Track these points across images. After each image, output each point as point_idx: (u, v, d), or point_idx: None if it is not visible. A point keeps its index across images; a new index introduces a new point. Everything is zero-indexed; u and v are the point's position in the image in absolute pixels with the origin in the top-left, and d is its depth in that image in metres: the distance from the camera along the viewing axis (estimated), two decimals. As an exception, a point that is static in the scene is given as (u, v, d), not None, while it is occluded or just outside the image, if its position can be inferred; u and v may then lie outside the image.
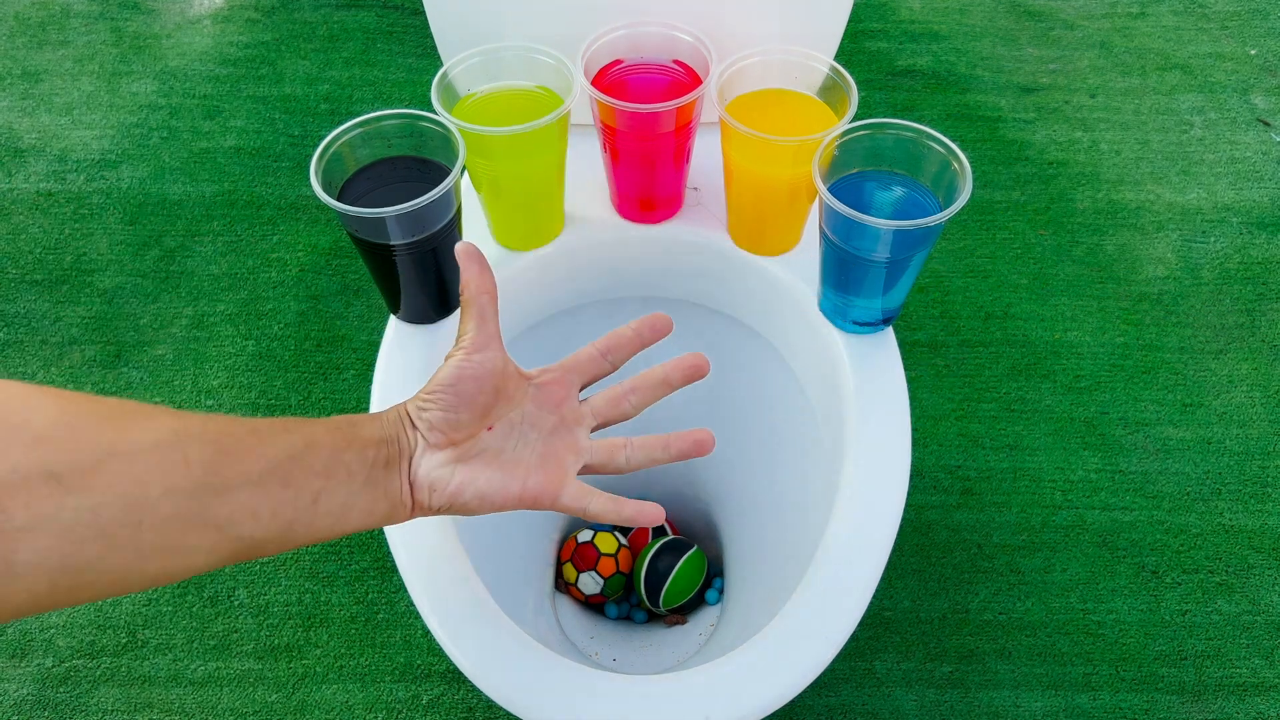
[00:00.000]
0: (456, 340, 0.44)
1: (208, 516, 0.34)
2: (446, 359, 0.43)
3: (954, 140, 0.56)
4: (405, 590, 0.88)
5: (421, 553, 0.55)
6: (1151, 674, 0.94)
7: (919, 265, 0.59)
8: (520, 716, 0.49)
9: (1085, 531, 1.04)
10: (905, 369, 0.63)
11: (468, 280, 0.44)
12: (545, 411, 0.46)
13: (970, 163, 0.56)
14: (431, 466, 0.42)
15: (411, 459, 0.42)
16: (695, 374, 0.48)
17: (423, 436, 0.42)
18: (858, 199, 0.58)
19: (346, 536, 1.02)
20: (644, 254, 0.73)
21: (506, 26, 0.70)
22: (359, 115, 0.57)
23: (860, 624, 0.54)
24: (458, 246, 0.45)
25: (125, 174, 1.36)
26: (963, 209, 0.55)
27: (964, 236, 1.31)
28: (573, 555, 0.89)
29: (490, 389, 0.43)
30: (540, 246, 0.70)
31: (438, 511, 0.42)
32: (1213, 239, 1.30)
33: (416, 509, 0.42)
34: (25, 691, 0.93)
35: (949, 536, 1.04)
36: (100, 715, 0.92)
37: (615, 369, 0.49)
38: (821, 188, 0.55)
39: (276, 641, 0.96)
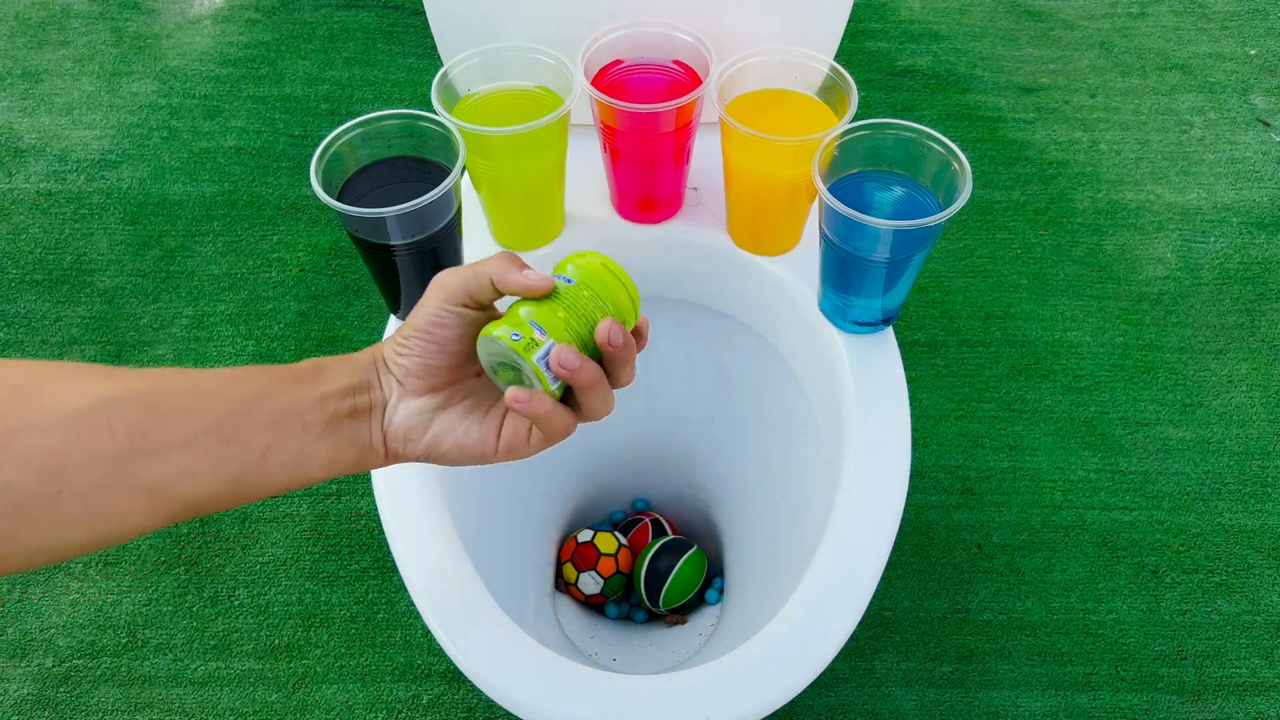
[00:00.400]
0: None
1: (136, 482, 0.33)
2: (423, 300, 0.41)
3: (954, 140, 0.56)
4: (405, 590, 0.88)
5: (421, 553, 0.55)
6: (1151, 674, 0.94)
7: (919, 265, 0.59)
8: (520, 716, 0.49)
9: (1085, 531, 1.04)
10: (905, 369, 0.63)
11: (526, 276, 0.40)
12: None
13: (970, 163, 0.56)
14: (408, 414, 0.40)
15: (386, 407, 0.40)
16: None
17: (398, 382, 0.40)
18: (858, 199, 0.58)
19: (344, 533, 1.03)
20: (644, 254, 0.73)
21: (506, 26, 0.70)
22: (359, 115, 0.57)
23: (860, 624, 0.54)
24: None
25: (125, 174, 1.36)
26: (963, 209, 0.55)
27: (964, 236, 1.31)
28: (573, 555, 0.89)
29: (470, 338, 0.41)
30: (540, 246, 0.70)
31: (415, 459, 0.41)
32: (1213, 239, 1.30)
33: (390, 457, 0.41)
34: (25, 691, 0.93)
35: (949, 536, 1.04)
36: (100, 715, 0.92)
37: None
38: (821, 188, 0.55)
39: (276, 641, 0.96)
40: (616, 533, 0.92)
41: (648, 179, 0.68)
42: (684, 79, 0.66)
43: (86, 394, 0.33)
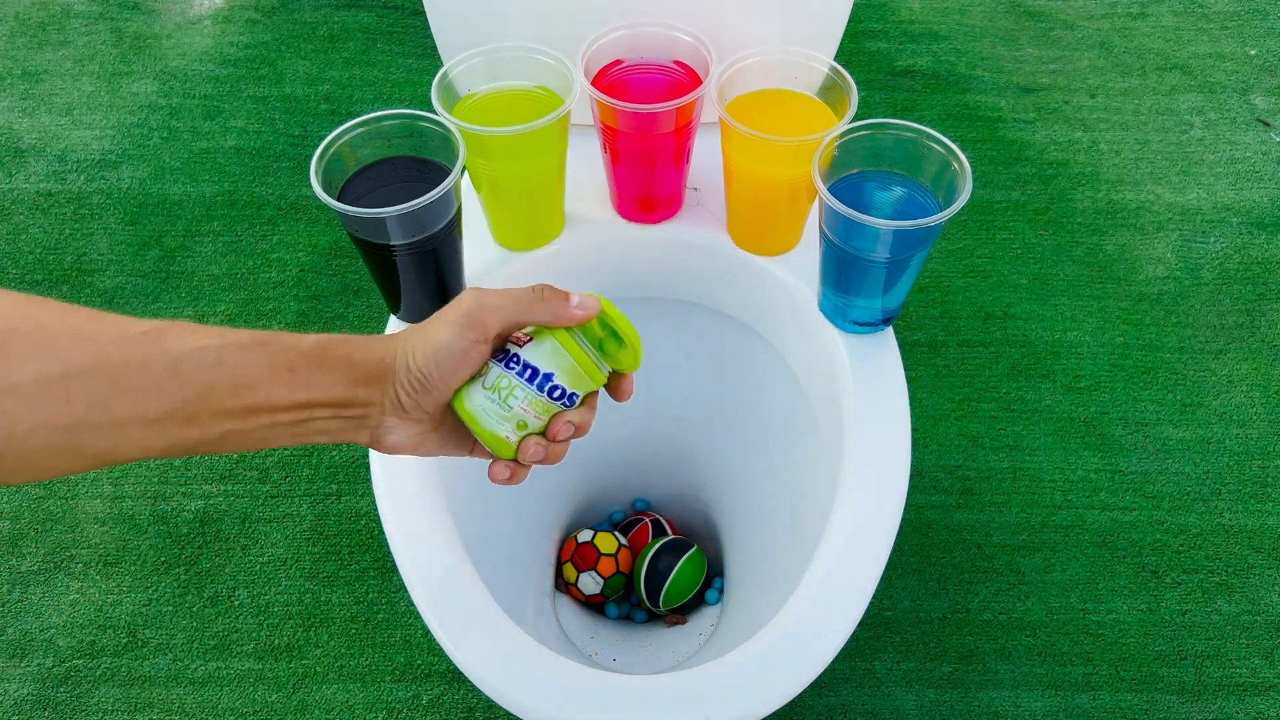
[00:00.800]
0: (481, 301, 0.40)
1: (83, 449, 0.33)
2: (446, 327, 0.40)
3: (954, 140, 0.56)
4: (405, 590, 0.88)
5: (421, 553, 0.55)
6: (1151, 674, 0.94)
7: (919, 265, 0.59)
8: (520, 716, 0.49)
9: (1085, 531, 1.04)
10: (905, 369, 0.63)
11: (579, 305, 0.41)
12: None
13: (970, 163, 0.56)
14: (402, 437, 0.41)
15: (382, 426, 0.40)
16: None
17: (405, 410, 0.40)
18: (858, 199, 0.58)
19: (344, 533, 1.03)
20: (644, 254, 0.73)
21: (507, 26, 0.70)
22: (359, 115, 0.57)
23: (860, 624, 0.54)
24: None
25: (125, 174, 1.36)
26: (963, 209, 0.55)
27: (964, 236, 1.31)
28: (573, 555, 0.89)
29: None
30: (540, 247, 0.70)
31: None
32: (1213, 239, 1.30)
33: (371, 445, 0.42)
34: (25, 691, 0.93)
35: (949, 536, 1.04)
36: (100, 715, 0.92)
37: None
38: (821, 188, 0.55)
39: (276, 641, 0.96)
40: (616, 533, 0.92)
41: (648, 179, 0.68)
42: (684, 79, 0.66)
43: (55, 360, 0.32)
